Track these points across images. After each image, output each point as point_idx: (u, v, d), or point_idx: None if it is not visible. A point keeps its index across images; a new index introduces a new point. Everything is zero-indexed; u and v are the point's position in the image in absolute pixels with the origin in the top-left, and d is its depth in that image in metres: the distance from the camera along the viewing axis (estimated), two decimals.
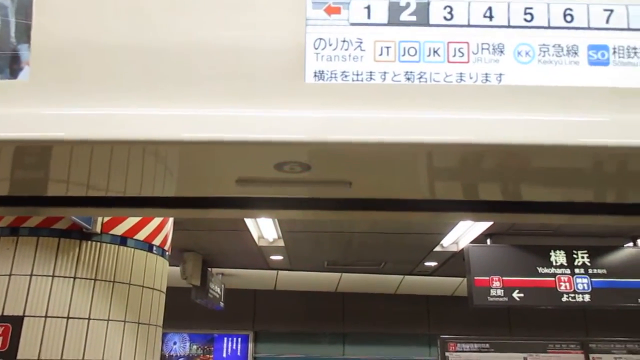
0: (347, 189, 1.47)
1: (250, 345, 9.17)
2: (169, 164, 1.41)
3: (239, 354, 9.13)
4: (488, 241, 5.34)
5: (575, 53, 1.21)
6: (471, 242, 5.40)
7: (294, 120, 1.18)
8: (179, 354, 9.18)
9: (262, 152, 1.26)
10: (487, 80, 1.20)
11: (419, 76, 1.20)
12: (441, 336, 5.27)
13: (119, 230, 3.21)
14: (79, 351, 2.91)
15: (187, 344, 9.23)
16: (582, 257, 5.11)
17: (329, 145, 1.20)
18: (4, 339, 2.80)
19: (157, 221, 3.43)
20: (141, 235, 3.31)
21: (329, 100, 1.19)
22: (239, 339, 9.20)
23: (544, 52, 1.21)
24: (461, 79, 1.20)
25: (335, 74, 1.20)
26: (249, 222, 5.16)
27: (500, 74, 1.20)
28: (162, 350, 9.09)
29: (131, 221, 3.26)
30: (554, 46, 1.21)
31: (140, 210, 2.03)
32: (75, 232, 3.07)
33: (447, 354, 5.12)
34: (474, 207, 1.71)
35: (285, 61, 1.20)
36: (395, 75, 1.20)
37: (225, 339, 9.22)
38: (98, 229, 3.11)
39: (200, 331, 9.17)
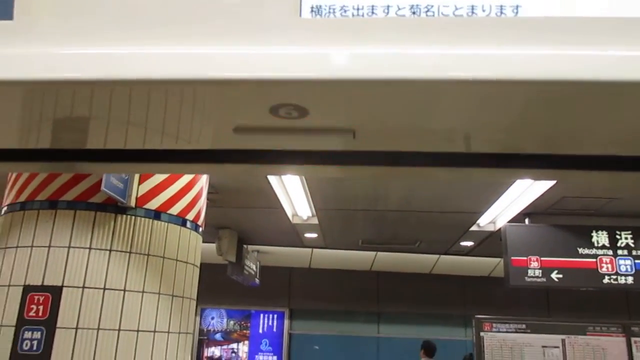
0: (350, 139, 1.38)
1: (286, 322, 9.30)
2: (169, 109, 1.33)
3: (274, 330, 9.27)
4: (526, 220, 5.21)
5: None
6: (509, 222, 5.28)
7: (288, 58, 1.11)
8: (216, 329, 9.39)
9: (256, 92, 1.18)
10: (502, 12, 1.10)
11: (425, 9, 1.10)
12: (476, 316, 5.20)
13: (153, 204, 3.26)
14: (115, 321, 2.99)
15: (225, 319, 9.43)
16: (626, 238, 4.94)
17: (326, 84, 1.12)
18: (44, 307, 2.90)
19: (190, 196, 3.47)
20: (174, 210, 3.36)
21: (326, 36, 1.11)
22: (275, 316, 9.34)
23: None
24: (473, 12, 1.10)
25: (333, 8, 1.12)
26: (282, 199, 5.17)
27: (517, 6, 1.09)
28: (200, 324, 9.35)
29: (165, 196, 3.31)
30: None
31: (135, 165, 1.94)
32: (111, 206, 3.13)
33: (482, 333, 5.05)
34: (499, 162, 1.55)
35: None
36: (399, 9, 1.11)
37: (262, 315, 9.37)
38: (133, 203, 3.17)
39: (237, 307, 9.35)
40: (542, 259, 4.92)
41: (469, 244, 6.81)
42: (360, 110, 1.26)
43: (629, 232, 4.96)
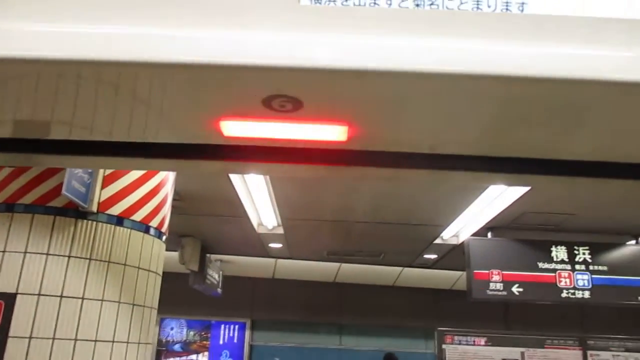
0: (343, 134, 1.31)
1: (247, 333, 9.17)
2: (144, 95, 1.23)
3: (235, 341, 9.13)
4: (489, 234, 5.30)
5: None
6: (472, 235, 5.35)
7: (284, 45, 1.05)
8: (175, 340, 9.18)
9: (249, 81, 1.11)
10: (507, 9, 1.08)
11: (429, 2, 1.09)
12: (438, 328, 5.24)
13: (116, 210, 3.17)
14: (72, 330, 2.88)
15: (184, 329, 9.23)
16: (584, 254, 5.07)
17: (323, 73, 1.06)
18: None
19: (154, 202, 3.38)
20: (138, 216, 3.27)
21: (325, 24, 1.06)
22: (236, 327, 9.20)
23: None
24: (478, 7, 1.08)
25: None
26: (248, 208, 5.11)
27: (523, 3, 1.09)
28: (159, 335, 9.12)
29: (128, 201, 3.22)
30: None
31: (107, 159, 1.76)
32: (71, 210, 3.03)
33: (444, 346, 5.09)
34: (491, 166, 1.52)
35: None
36: (402, 1, 1.08)
37: (223, 326, 9.22)
38: (94, 208, 3.07)
39: (197, 317, 9.17)
40: (504, 272, 5.00)
41: (433, 256, 6.88)
42: (355, 102, 1.21)
43: (587, 247, 5.10)
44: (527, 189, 4.16)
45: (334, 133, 1.32)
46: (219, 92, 1.19)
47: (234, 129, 1.32)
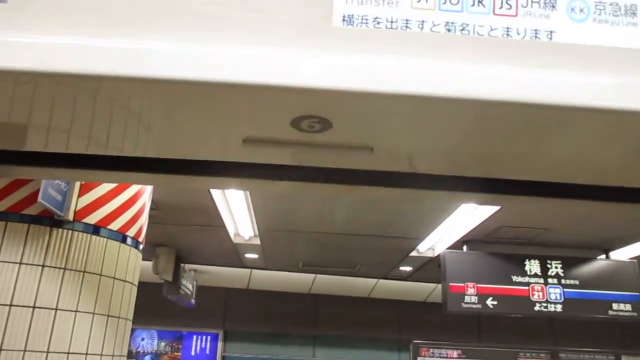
0: (368, 156, 1.31)
1: (220, 344, 9.05)
2: (162, 113, 1.21)
3: (207, 352, 9.00)
4: (464, 248, 5.36)
5: (634, 13, 1.14)
6: (447, 248, 5.41)
7: (318, 67, 1.05)
8: (146, 351, 9.01)
9: (279, 101, 1.10)
10: (536, 36, 1.11)
11: (461, 27, 1.10)
12: (414, 341, 5.27)
13: (92, 218, 3.10)
14: (44, 342, 2.80)
15: (155, 340, 9.07)
16: (556, 267, 5.17)
17: (354, 96, 1.06)
18: None
19: (132, 211, 3.33)
20: (115, 225, 3.21)
21: (358, 47, 1.07)
22: (208, 338, 9.08)
23: (600, 10, 1.13)
24: (508, 34, 1.11)
25: (366, 19, 1.09)
26: (225, 218, 5.07)
27: (552, 31, 1.11)
28: (129, 346, 8.92)
29: (105, 210, 3.16)
30: (610, 4, 1.13)
31: (123, 174, 1.74)
32: (46, 218, 2.95)
33: (419, 359, 5.11)
34: (495, 188, 1.56)
35: (312, 1, 1.07)
36: (434, 25, 1.09)
37: (195, 337, 9.08)
38: (70, 217, 3.00)
39: (169, 328, 9.02)
40: (479, 285, 5.06)
41: (408, 269, 6.92)
42: (383, 125, 1.22)
43: (559, 261, 5.20)
44: None
45: (360, 152, 1.32)
46: (247, 113, 1.18)
47: (257, 148, 1.30)
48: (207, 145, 1.40)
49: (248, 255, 6.60)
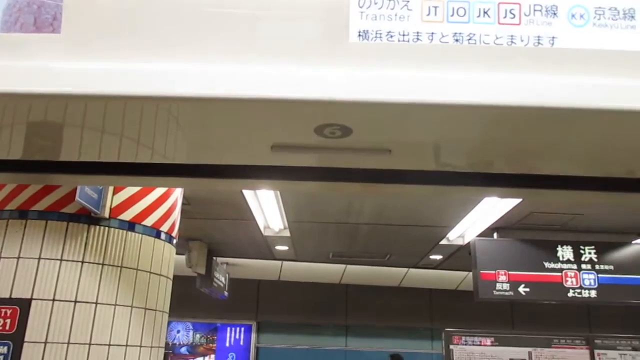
0: (386, 157, 1.42)
1: (253, 336, 9.20)
2: (197, 127, 1.34)
3: (241, 343, 9.16)
4: (495, 235, 5.32)
5: (632, 17, 1.18)
6: (477, 236, 5.38)
7: (338, 80, 1.15)
8: (182, 342, 9.22)
9: (304, 112, 1.22)
10: (539, 43, 1.17)
11: (468, 37, 1.17)
12: (446, 329, 5.26)
13: (127, 215, 3.20)
14: (86, 335, 2.91)
15: (191, 332, 9.27)
16: (589, 253, 5.10)
17: (372, 105, 1.16)
18: (12, 321, 2.80)
19: (165, 207, 3.42)
20: (149, 221, 3.31)
21: (373, 60, 1.16)
22: (242, 329, 9.23)
23: (600, 14, 1.18)
24: (512, 42, 1.17)
25: (380, 33, 1.17)
26: (255, 211, 5.15)
27: (553, 37, 1.17)
28: (165, 338, 9.12)
29: (139, 207, 3.25)
30: (609, 9, 1.18)
31: (165, 179, 1.92)
32: (84, 216, 3.06)
33: (451, 346, 5.12)
34: (512, 182, 1.64)
35: (329, 19, 1.16)
36: (443, 37, 1.17)
37: (228, 328, 9.25)
38: (106, 214, 3.10)
39: (203, 320, 9.20)
40: (510, 272, 5.02)
41: (438, 257, 6.91)
42: (400, 130, 1.30)
43: (592, 247, 5.12)
44: None
45: (378, 155, 1.42)
46: (274, 124, 1.29)
47: (284, 153, 1.42)
48: (238, 152, 1.53)
49: (278, 247, 6.69)
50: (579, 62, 1.16)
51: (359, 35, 1.17)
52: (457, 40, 1.16)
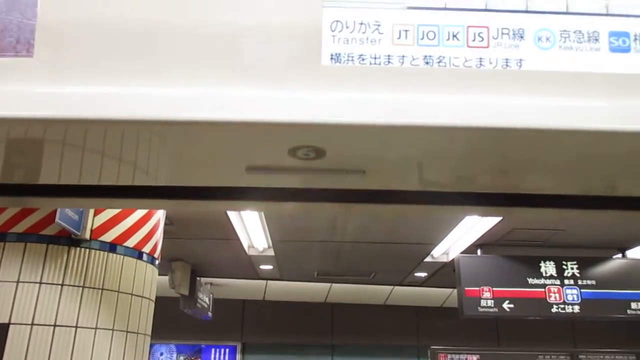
0: (360, 178, 1.43)
1: (238, 357, 9.07)
2: (173, 149, 1.35)
3: None
4: (478, 252, 5.35)
5: (596, 39, 1.21)
6: (461, 253, 5.40)
7: (310, 103, 1.16)
8: None
9: (277, 135, 1.22)
10: (507, 65, 1.19)
11: (438, 60, 1.18)
12: (431, 347, 5.25)
13: (109, 236, 3.16)
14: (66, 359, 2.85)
15: (174, 354, 9.11)
16: (572, 268, 5.14)
17: (345, 128, 1.17)
18: None
19: (147, 228, 3.38)
20: (131, 242, 3.27)
21: (346, 83, 1.17)
22: (227, 350, 9.10)
23: (565, 37, 1.21)
24: (481, 64, 1.19)
25: (352, 56, 1.18)
26: (239, 230, 5.12)
27: (521, 59, 1.19)
28: None
29: (121, 228, 3.22)
30: (574, 32, 1.21)
31: (139, 201, 1.94)
32: (64, 238, 3.02)
33: None
34: (490, 201, 1.66)
35: (302, 43, 1.17)
36: (413, 59, 1.18)
37: (213, 350, 9.11)
38: (87, 235, 3.06)
39: (187, 342, 9.06)
40: (495, 289, 5.04)
41: (423, 274, 6.91)
42: (373, 151, 1.31)
43: (575, 262, 5.17)
44: None
45: (353, 175, 1.42)
46: (247, 146, 1.29)
47: (259, 175, 1.42)
48: (214, 174, 1.54)
49: (263, 267, 6.64)
50: (546, 83, 1.18)
51: (332, 58, 1.18)
52: (427, 62, 1.18)
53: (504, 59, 1.19)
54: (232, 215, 4.68)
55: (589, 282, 5.10)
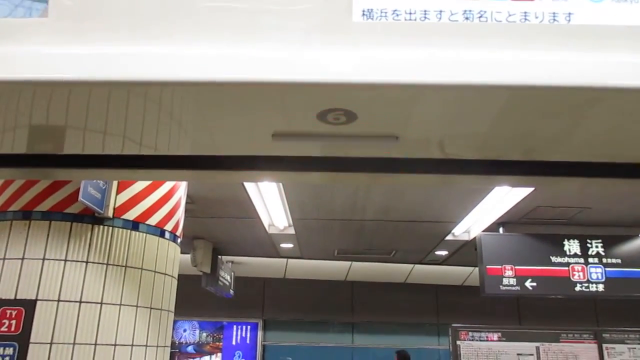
0: (392, 144, 1.34)
1: (260, 333, 9.19)
2: (196, 114, 1.27)
3: (248, 341, 9.16)
4: (500, 230, 5.29)
5: None
6: (483, 231, 5.35)
7: (340, 61, 1.08)
8: (188, 341, 9.22)
9: (305, 97, 1.15)
10: (554, 19, 1.11)
11: (478, 15, 1.10)
12: (452, 325, 5.24)
13: (131, 215, 3.19)
14: (92, 335, 2.90)
15: (197, 331, 9.27)
16: (597, 247, 5.06)
17: (378, 88, 1.09)
18: (17, 322, 2.79)
19: (169, 206, 3.41)
20: (153, 220, 3.29)
21: (378, 40, 1.09)
22: (248, 327, 9.23)
23: None
24: (526, 19, 1.11)
25: (385, 12, 1.10)
26: (260, 209, 5.13)
27: (570, 13, 1.11)
28: (172, 337, 9.13)
29: (143, 206, 3.24)
30: None
31: (162, 172, 1.84)
32: (88, 216, 3.05)
33: (458, 342, 5.09)
34: (522, 170, 1.55)
35: None
36: (452, 15, 1.10)
37: (235, 326, 9.25)
38: (110, 214, 3.09)
39: (210, 319, 9.20)
40: (517, 267, 4.99)
41: (444, 253, 6.88)
42: (407, 114, 1.23)
43: (599, 240, 5.08)
44: None
45: (384, 142, 1.33)
46: (274, 110, 1.21)
47: (286, 142, 1.34)
48: (238, 142, 1.45)
49: (283, 245, 6.67)
50: (597, 38, 1.10)
51: (363, 14, 1.10)
52: (467, 18, 1.10)
53: (551, 12, 1.11)
54: (253, 193, 4.69)
55: (613, 260, 5.02)
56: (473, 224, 5.69)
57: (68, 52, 1.10)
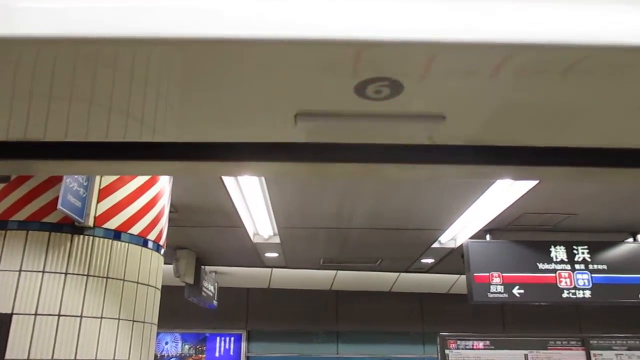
0: (438, 125, 1.06)
1: (243, 345, 9.05)
2: (199, 87, 0.94)
3: (231, 353, 9.01)
4: (487, 237, 5.27)
5: None
6: (470, 238, 5.32)
7: (386, 14, 0.80)
8: (170, 354, 9.03)
9: (340, 61, 0.84)
10: None
11: None
12: (440, 333, 5.19)
13: (113, 224, 3.08)
14: (71, 350, 2.78)
15: (179, 343, 9.09)
16: (583, 253, 5.06)
17: (447, 46, 0.81)
18: None
19: (152, 215, 3.30)
20: (135, 229, 3.18)
21: None
22: (232, 339, 9.08)
23: None
24: None
25: None
26: (244, 218, 5.04)
27: None
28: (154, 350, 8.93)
29: (125, 214, 3.13)
30: None
31: (148, 163, 1.41)
32: (67, 225, 2.93)
33: (447, 351, 5.04)
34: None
35: None
36: None
37: (218, 338, 9.09)
38: (91, 223, 2.98)
39: (192, 330, 9.04)
40: (504, 274, 4.97)
41: (430, 260, 6.84)
42: (461, 85, 0.95)
43: (585, 246, 5.09)
44: (526, 189, 4.14)
45: (431, 123, 1.07)
46: (299, 78, 0.91)
47: (315, 123, 1.04)
48: (251, 125, 1.12)
49: (268, 255, 6.58)
50: None
51: None
52: None
53: None
54: (237, 201, 4.60)
55: (600, 266, 5.03)
56: (459, 232, 5.66)
57: (47, 6, 0.85)
